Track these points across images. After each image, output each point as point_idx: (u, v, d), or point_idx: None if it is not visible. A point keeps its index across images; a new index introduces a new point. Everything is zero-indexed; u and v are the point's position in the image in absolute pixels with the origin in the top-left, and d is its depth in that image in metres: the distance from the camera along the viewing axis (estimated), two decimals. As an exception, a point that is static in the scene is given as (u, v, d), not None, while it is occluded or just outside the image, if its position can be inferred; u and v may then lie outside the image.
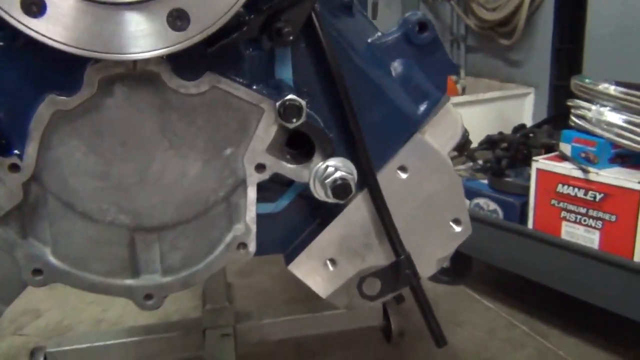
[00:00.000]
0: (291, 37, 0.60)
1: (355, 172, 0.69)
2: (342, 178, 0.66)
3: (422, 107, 0.78)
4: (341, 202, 0.69)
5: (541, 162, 1.74)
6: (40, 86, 0.62)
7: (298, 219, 0.80)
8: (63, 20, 0.53)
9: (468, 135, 1.93)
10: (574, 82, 1.74)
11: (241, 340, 1.64)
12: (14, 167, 0.63)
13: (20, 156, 0.64)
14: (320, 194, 0.69)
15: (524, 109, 3.28)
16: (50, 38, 0.54)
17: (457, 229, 0.81)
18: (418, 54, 0.77)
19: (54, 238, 0.68)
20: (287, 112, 0.64)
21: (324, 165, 0.69)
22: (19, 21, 0.53)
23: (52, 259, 0.68)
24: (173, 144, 0.66)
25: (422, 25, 0.76)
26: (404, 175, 0.78)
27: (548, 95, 2.36)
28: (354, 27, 0.75)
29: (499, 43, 3.44)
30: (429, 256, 0.82)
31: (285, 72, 0.71)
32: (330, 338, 1.79)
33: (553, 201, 1.72)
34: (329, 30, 0.70)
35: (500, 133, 2.20)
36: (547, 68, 2.45)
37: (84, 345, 1.66)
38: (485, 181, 1.97)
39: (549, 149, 1.90)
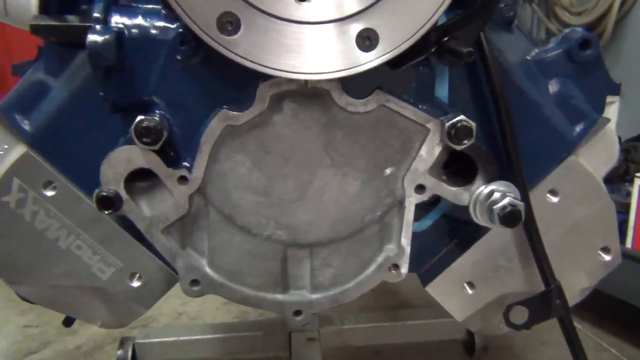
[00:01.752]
0: (473, 57, 0.57)
1: (520, 197, 0.66)
2: (512, 204, 0.63)
3: (578, 128, 0.74)
4: (509, 228, 0.66)
5: (646, 179, 1.65)
6: (213, 101, 0.63)
7: (436, 239, 0.78)
8: (254, 39, 0.53)
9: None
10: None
11: (324, 344, 1.64)
12: (183, 179, 0.64)
13: (189, 169, 0.64)
14: (481, 218, 0.67)
15: (607, 118, 3.14)
16: (241, 57, 0.53)
17: (606, 257, 0.77)
18: (578, 72, 0.73)
19: (211, 250, 0.69)
20: (458, 133, 0.62)
21: (487, 190, 0.66)
22: (213, 39, 0.53)
23: (209, 271, 0.68)
24: (335, 162, 0.65)
25: (586, 43, 0.72)
26: (554, 199, 0.75)
27: (643, 107, 2.24)
28: (512, 44, 0.72)
29: (584, 49, 3.29)
30: (573, 284, 0.78)
31: (442, 90, 0.69)
32: (410, 348, 1.76)
33: (657, 221, 1.63)
34: (492, 47, 0.67)
35: (594, 145, 2.10)
36: (637, 77, 2.33)
37: (170, 339, 1.70)
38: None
39: (652, 164, 1.80)
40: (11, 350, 1.79)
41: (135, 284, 0.74)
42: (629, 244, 1.71)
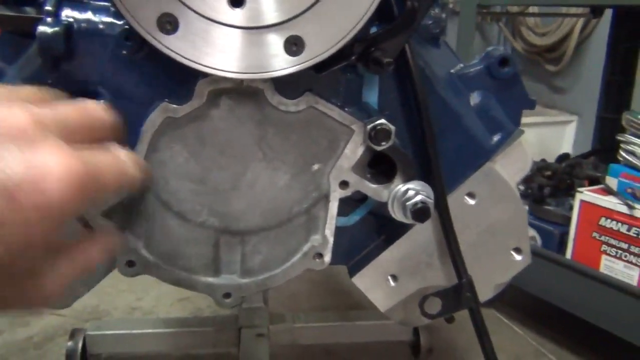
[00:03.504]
0: (391, 67, 0.64)
1: (433, 196, 0.73)
2: (422, 202, 0.70)
3: (496, 138, 0.81)
4: (419, 223, 0.73)
5: (586, 194, 1.75)
6: (155, 94, 0.68)
7: (364, 234, 0.84)
8: (191, 39, 0.58)
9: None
10: (626, 117, 1.75)
11: (273, 341, 1.68)
12: (123, 166, 0.68)
13: (129, 156, 0.69)
14: (397, 214, 0.73)
15: (564, 136, 3.28)
16: (178, 54, 0.59)
17: (518, 257, 0.84)
18: (497, 87, 0.81)
19: (148, 233, 0.73)
20: (377, 135, 0.69)
21: (404, 188, 0.72)
22: (153, 37, 0.58)
23: (145, 253, 0.73)
24: (267, 157, 0.71)
25: (504, 61, 0.79)
26: (471, 201, 0.82)
27: (594, 126, 2.36)
28: (438, 58, 0.79)
29: (545, 68, 3.44)
30: (487, 281, 0.85)
31: (371, 96, 0.75)
32: (359, 348, 1.82)
33: (594, 234, 1.73)
34: (417, 60, 0.74)
35: (544, 160, 2.21)
36: (594, 98, 2.45)
37: (122, 332, 1.72)
38: (526, 207, 1.99)
39: (594, 181, 1.91)
40: (-39, 339, 1.79)
41: (79, 264, 0.77)
42: (568, 254, 1.80)
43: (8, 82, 0.73)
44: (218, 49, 0.59)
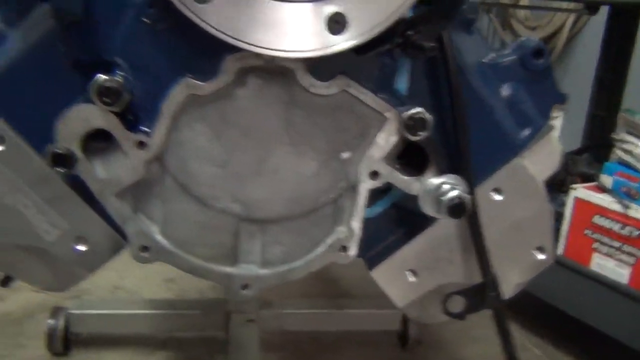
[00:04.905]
0: (434, 53, 0.60)
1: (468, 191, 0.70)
2: (459, 197, 0.66)
3: (526, 133, 0.78)
4: (454, 219, 0.70)
5: (580, 191, 1.75)
6: (178, 69, 0.62)
7: (385, 227, 0.81)
8: (227, 10, 0.53)
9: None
10: (623, 115, 1.75)
11: (262, 327, 1.65)
12: (141, 144, 0.63)
13: (147, 134, 0.64)
14: (429, 208, 0.70)
15: (550, 131, 3.29)
16: (212, 26, 0.54)
17: (541, 256, 0.82)
18: (529, 79, 0.77)
19: (164, 218, 0.69)
20: (414, 124, 0.65)
21: (437, 182, 0.69)
22: (185, 5, 0.53)
23: (160, 238, 0.68)
24: (293, 141, 0.67)
25: (538, 52, 0.76)
26: (497, 197, 0.79)
27: (584, 123, 2.36)
28: (470, 45, 0.75)
29: (535, 63, 3.42)
30: (508, 279, 0.83)
31: (402, 83, 0.71)
32: (346, 336, 1.80)
33: (587, 231, 1.73)
34: (452, 46, 0.70)
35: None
36: (581, 94, 2.45)
37: (104, 311, 1.67)
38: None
39: (587, 178, 1.90)
40: (-64, 314, 1.71)
41: (81, 247, 0.72)
42: (560, 251, 1.80)
43: (10, 47, 0.67)
44: (257, 23, 0.54)
